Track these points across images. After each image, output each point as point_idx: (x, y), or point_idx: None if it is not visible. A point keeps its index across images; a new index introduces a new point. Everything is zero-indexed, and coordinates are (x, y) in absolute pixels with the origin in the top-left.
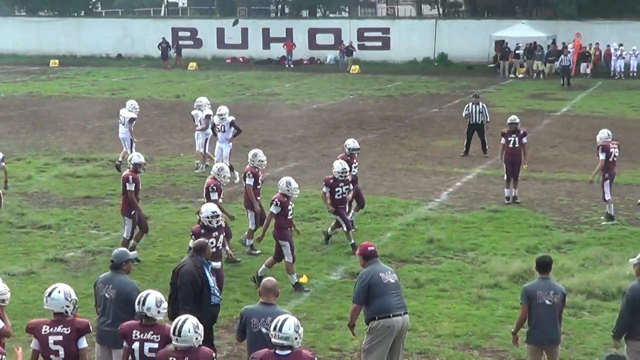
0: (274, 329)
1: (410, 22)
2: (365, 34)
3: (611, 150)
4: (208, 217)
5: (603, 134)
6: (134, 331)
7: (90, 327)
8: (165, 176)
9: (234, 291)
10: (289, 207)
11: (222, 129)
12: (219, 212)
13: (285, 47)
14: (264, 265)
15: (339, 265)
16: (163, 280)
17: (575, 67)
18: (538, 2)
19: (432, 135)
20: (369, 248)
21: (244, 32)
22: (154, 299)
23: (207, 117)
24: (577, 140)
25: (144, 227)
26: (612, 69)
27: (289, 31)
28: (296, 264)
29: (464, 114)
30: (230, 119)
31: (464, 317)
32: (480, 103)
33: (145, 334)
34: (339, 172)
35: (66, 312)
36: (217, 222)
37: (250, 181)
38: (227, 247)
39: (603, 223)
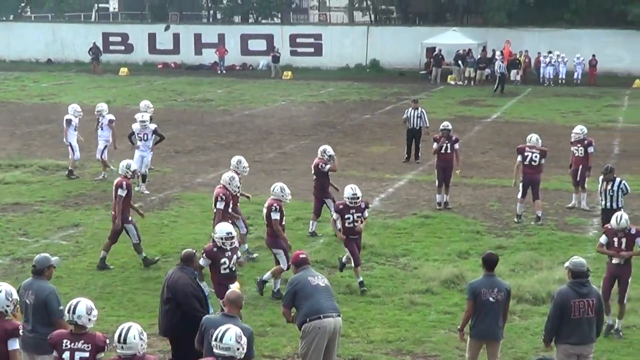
0: (215, 339)
1: (342, 28)
2: (298, 40)
3: (526, 153)
4: (222, 238)
5: (528, 137)
6: (64, 340)
7: (21, 331)
8: (96, 182)
9: None
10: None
11: (145, 137)
12: (235, 233)
13: (217, 52)
14: (269, 273)
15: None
16: (93, 287)
17: (506, 74)
18: (469, 9)
19: (364, 142)
20: (300, 256)
21: (176, 37)
22: (84, 307)
23: (110, 122)
24: (507, 146)
25: (114, 238)
26: (541, 76)
27: (221, 37)
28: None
29: (403, 118)
30: (152, 126)
31: (396, 323)
32: (420, 108)
33: (76, 343)
34: (348, 198)
35: (6, 311)
36: (231, 244)
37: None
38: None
39: (515, 220)
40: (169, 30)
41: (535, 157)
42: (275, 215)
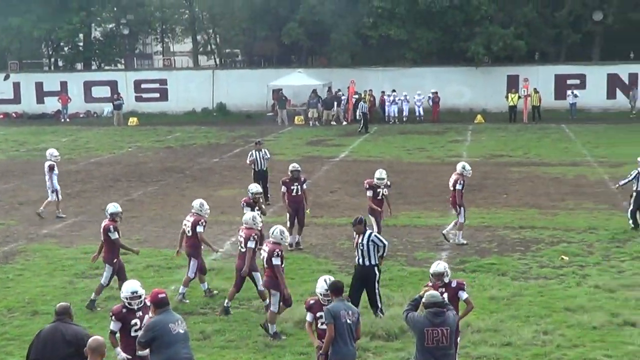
0: None
1: (187, 72)
2: (143, 86)
3: (378, 190)
4: (127, 298)
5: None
6: None
7: None
8: None
9: (12, 355)
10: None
11: None
12: (141, 292)
13: (60, 100)
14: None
15: None
16: None
17: (351, 113)
18: (313, 51)
19: (213, 185)
20: (159, 295)
21: (16, 86)
22: None
23: None
24: (355, 184)
25: (123, 277)
26: (386, 114)
27: (64, 84)
28: (92, 321)
29: (248, 161)
30: None
31: None
32: (263, 149)
33: None
34: (321, 294)
35: None
36: (138, 304)
37: (200, 228)
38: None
39: None
40: (9, 79)
41: (385, 191)
42: (277, 261)
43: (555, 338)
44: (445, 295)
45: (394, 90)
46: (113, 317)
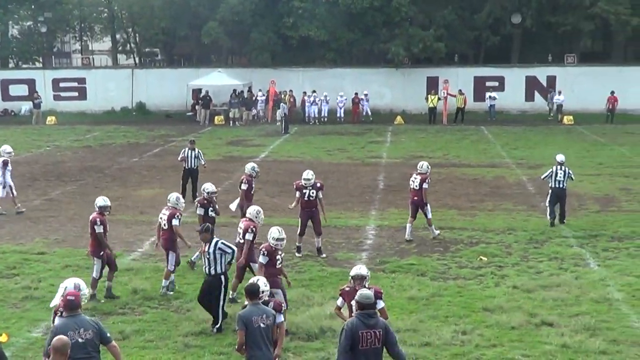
0: None
1: (106, 71)
2: (61, 85)
3: (304, 191)
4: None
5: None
6: None
7: None
8: None
9: None
10: (277, 256)
11: None
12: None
13: None
14: None
15: (41, 321)
16: None
17: (271, 113)
18: (233, 50)
19: (132, 185)
20: (68, 297)
21: None
22: None
23: None
24: (276, 184)
25: (113, 266)
26: (307, 114)
27: None
28: (9, 321)
29: (179, 158)
30: None
31: None
32: (196, 149)
33: None
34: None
35: None
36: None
37: (176, 222)
38: None
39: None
40: None
41: (311, 193)
42: (262, 260)
43: (473, 338)
44: None
45: (314, 91)
46: (57, 317)
